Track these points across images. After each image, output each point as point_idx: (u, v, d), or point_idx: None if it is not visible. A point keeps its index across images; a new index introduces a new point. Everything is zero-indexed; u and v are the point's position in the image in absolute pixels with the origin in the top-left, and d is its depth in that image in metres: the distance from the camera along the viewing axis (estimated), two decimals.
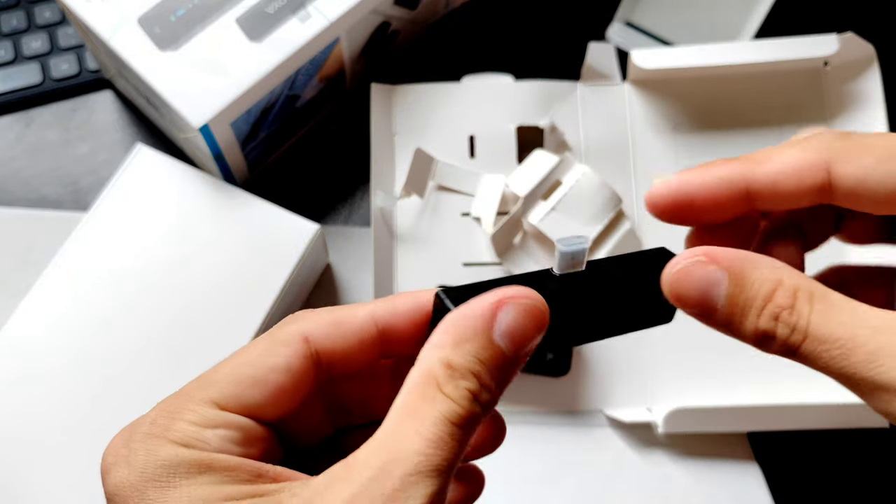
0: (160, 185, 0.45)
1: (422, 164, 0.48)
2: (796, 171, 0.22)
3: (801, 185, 0.22)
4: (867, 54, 0.48)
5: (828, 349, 0.20)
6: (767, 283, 0.21)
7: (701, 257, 0.21)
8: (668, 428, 0.45)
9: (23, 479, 0.39)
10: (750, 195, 0.22)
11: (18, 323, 0.42)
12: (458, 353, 0.20)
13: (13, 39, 0.55)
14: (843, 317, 0.20)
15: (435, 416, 0.19)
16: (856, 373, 0.19)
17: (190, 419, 0.21)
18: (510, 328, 0.20)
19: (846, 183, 0.21)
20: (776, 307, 0.20)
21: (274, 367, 0.22)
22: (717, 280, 0.21)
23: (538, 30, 0.58)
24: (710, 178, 0.23)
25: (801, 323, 0.20)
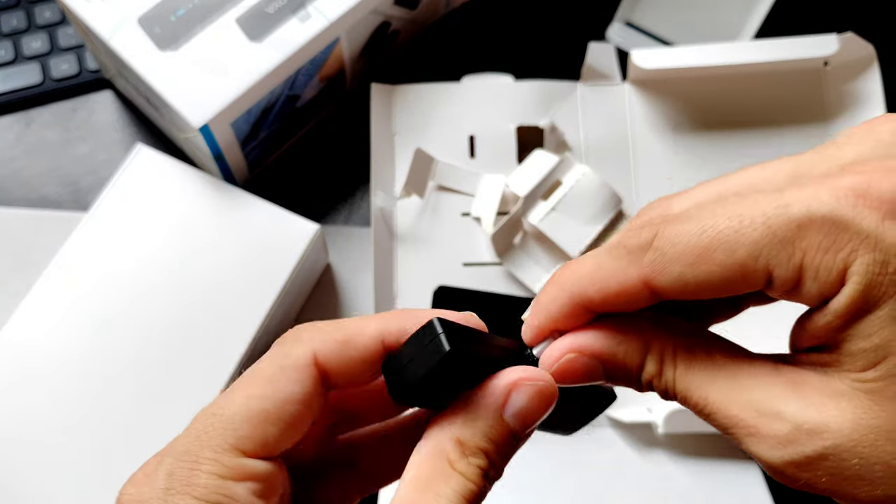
0: (160, 185, 0.45)
1: (422, 164, 0.48)
2: (621, 292, 0.21)
3: (630, 303, 0.21)
4: (867, 54, 0.48)
5: (694, 407, 0.21)
6: (636, 355, 0.22)
7: (570, 355, 0.22)
8: (668, 428, 0.45)
9: (23, 479, 0.39)
10: (589, 309, 0.22)
11: (18, 323, 0.42)
12: (469, 431, 0.21)
13: (13, 39, 0.55)
14: (700, 377, 0.21)
15: (450, 493, 0.20)
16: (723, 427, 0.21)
17: (212, 470, 0.20)
18: (521, 410, 0.21)
19: (669, 292, 0.20)
20: (648, 375, 0.21)
21: (289, 399, 0.21)
22: (595, 369, 0.22)
23: (538, 30, 0.58)
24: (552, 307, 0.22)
25: (669, 386, 0.21)
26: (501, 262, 0.48)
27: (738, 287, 0.19)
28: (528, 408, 0.21)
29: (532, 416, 0.21)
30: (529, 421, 0.21)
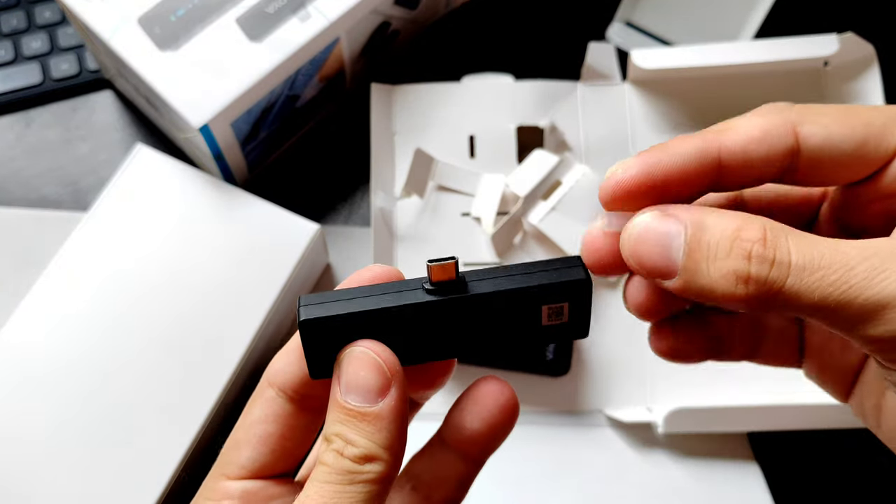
0: (160, 185, 0.45)
1: (422, 164, 0.48)
2: (765, 137, 0.21)
3: (771, 151, 0.21)
4: (867, 54, 0.48)
5: (822, 277, 0.18)
6: (731, 223, 0.19)
7: (654, 212, 0.20)
8: (668, 428, 0.45)
9: (23, 479, 0.39)
10: (721, 167, 0.21)
11: (18, 323, 0.42)
12: (327, 425, 0.22)
13: (13, 39, 0.55)
14: (828, 244, 0.18)
15: (311, 486, 0.21)
16: (858, 295, 0.17)
17: (204, 495, 0.24)
18: (347, 383, 0.21)
19: (812, 142, 0.20)
20: (746, 242, 0.18)
21: (253, 423, 0.24)
22: (676, 231, 0.19)
23: (538, 30, 0.58)
24: (680, 154, 0.21)
25: (780, 255, 0.18)
26: (501, 262, 0.48)
27: (872, 152, 0.20)
28: (350, 378, 0.21)
29: (361, 383, 0.21)
30: (362, 389, 0.21)
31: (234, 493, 0.23)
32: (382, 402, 0.21)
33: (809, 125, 0.21)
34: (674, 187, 0.21)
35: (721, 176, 0.21)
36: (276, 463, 0.24)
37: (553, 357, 0.47)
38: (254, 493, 0.23)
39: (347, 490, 0.21)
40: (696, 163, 0.21)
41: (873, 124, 0.20)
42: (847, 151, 0.20)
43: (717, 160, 0.21)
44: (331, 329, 0.22)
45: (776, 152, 0.21)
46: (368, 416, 0.21)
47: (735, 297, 0.18)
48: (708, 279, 0.19)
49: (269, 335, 0.45)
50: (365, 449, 0.21)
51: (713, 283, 0.19)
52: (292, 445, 0.24)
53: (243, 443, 0.24)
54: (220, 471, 0.24)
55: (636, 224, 0.20)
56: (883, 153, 0.21)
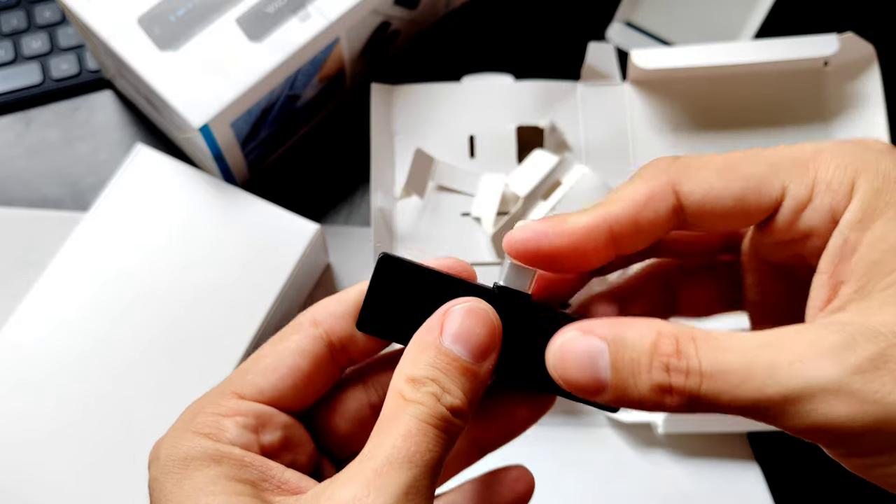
0: (160, 185, 0.45)
1: (422, 164, 0.48)
2: (649, 202, 0.22)
3: (658, 214, 0.22)
4: (867, 54, 0.48)
5: (726, 380, 0.19)
6: (646, 337, 0.20)
7: (575, 332, 0.21)
8: (668, 428, 0.45)
9: (23, 479, 0.39)
10: (613, 237, 0.22)
11: (18, 323, 0.42)
12: (416, 366, 0.21)
13: (13, 39, 0.55)
14: (730, 346, 0.19)
15: (404, 419, 0.20)
16: (762, 394, 0.18)
17: (212, 410, 0.22)
18: (457, 333, 0.21)
19: (693, 199, 0.21)
20: (663, 356, 0.20)
21: (285, 352, 0.23)
22: (599, 350, 0.20)
23: (538, 30, 0.58)
24: (565, 230, 0.22)
25: (692, 364, 0.19)
26: (501, 262, 0.48)
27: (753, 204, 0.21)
28: (462, 331, 0.21)
29: (470, 338, 0.21)
30: (472, 343, 0.21)
31: (250, 411, 0.23)
32: (485, 362, 0.21)
33: (688, 183, 0.22)
34: (569, 259, 0.22)
35: (615, 244, 0.22)
36: (292, 399, 0.23)
37: None
38: (267, 417, 0.23)
39: (441, 437, 0.20)
40: (587, 237, 0.22)
41: (751, 178, 0.21)
42: (727, 206, 0.21)
43: (608, 232, 0.22)
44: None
45: (661, 215, 0.22)
46: (469, 372, 0.21)
47: (664, 406, 0.20)
48: (637, 393, 0.20)
49: (269, 335, 0.45)
50: (460, 402, 0.21)
51: (642, 395, 0.20)
52: (312, 389, 0.24)
53: (271, 368, 0.23)
54: (233, 388, 0.23)
55: (559, 344, 0.21)
56: (765, 204, 0.21)
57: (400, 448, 0.20)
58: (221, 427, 0.22)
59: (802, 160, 0.21)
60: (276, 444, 0.23)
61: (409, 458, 0.20)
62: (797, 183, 0.21)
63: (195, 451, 0.21)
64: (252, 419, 0.22)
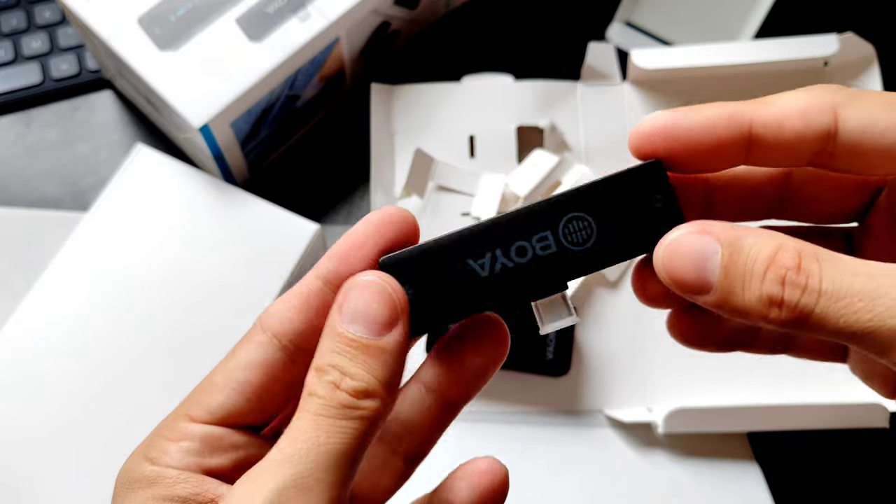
0: (160, 185, 0.45)
1: (422, 164, 0.48)
2: (803, 112, 0.20)
3: (807, 128, 0.20)
4: (867, 54, 0.48)
5: (847, 304, 0.18)
6: (767, 247, 0.19)
7: (693, 227, 0.20)
8: (668, 428, 0.45)
9: (23, 478, 0.39)
10: (752, 138, 0.21)
11: (18, 323, 0.42)
12: (320, 354, 0.21)
13: (13, 39, 0.55)
14: (857, 270, 0.18)
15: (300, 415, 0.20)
16: (883, 324, 0.17)
17: (164, 435, 0.22)
18: (352, 313, 0.20)
19: (852, 126, 0.20)
20: (781, 268, 0.19)
21: (233, 367, 0.22)
22: (712, 250, 0.19)
23: (538, 30, 0.58)
24: (709, 113, 0.21)
25: (812, 282, 0.18)
26: None
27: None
28: (355, 307, 0.20)
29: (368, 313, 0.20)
30: (369, 319, 0.20)
31: (196, 435, 0.22)
32: (388, 335, 0.21)
33: (852, 109, 0.20)
34: (698, 150, 0.21)
35: (751, 150, 0.21)
36: (248, 414, 0.22)
37: (553, 357, 0.47)
38: (216, 438, 0.22)
39: (341, 425, 0.20)
40: (724, 127, 0.21)
41: None
42: (887, 143, 0.20)
43: (748, 129, 0.21)
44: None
45: (812, 131, 0.20)
46: (371, 349, 0.20)
47: (767, 319, 0.19)
48: (742, 301, 0.19)
49: None
50: (364, 383, 0.20)
51: (747, 305, 0.19)
52: (269, 399, 0.22)
53: (219, 386, 0.22)
54: (185, 411, 0.22)
55: (672, 237, 0.20)
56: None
57: (283, 447, 0.19)
58: (165, 451, 0.22)
59: None
60: (227, 465, 0.22)
61: (293, 456, 0.19)
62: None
63: (136, 474, 0.22)
64: (197, 443, 0.22)
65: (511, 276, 0.22)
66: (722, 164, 0.22)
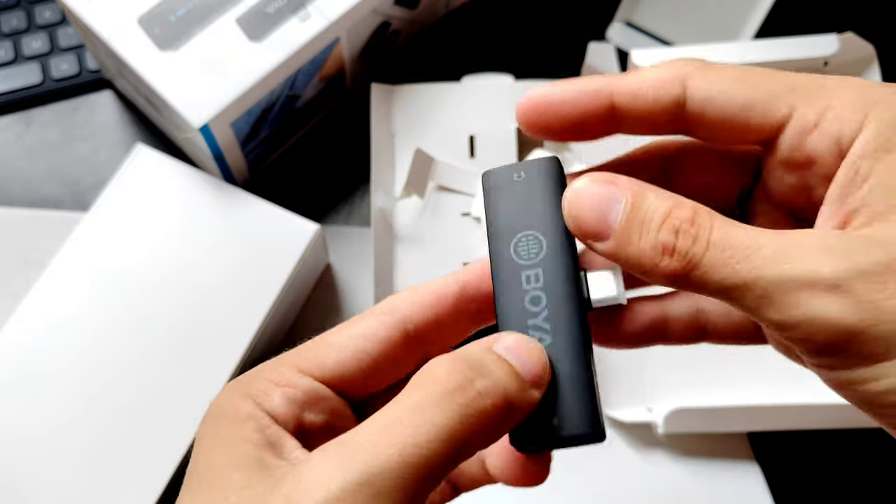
0: (160, 185, 0.45)
1: (422, 164, 0.48)
2: (654, 83, 0.22)
3: (657, 100, 0.22)
4: (867, 54, 0.48)
5: (731, 255, 0.19)
6: (666, 202, 0.20)
7: (599, 177, 0.21)
8: (668, 428, 0.45)
9: (23, 478, 0.39)
10: (614, 108, 0.22)
11: (18, 323, 0.42)
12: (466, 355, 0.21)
13: (13, 39, 0.55)
14: (743, 229, 0.19)
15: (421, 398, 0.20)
16: (760, 276, 0.18)
17: (269, 377, 0.22)
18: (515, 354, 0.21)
19: (699, 97, 0.21)
20: (676, 220, 0.20)
21: (354, 333, 0.23)
22: (616, 199, 0.21)
23: (538, 30, 0.58)
24: (573, 87, 0.23)
25: (702, 233, 0.19)
26: None
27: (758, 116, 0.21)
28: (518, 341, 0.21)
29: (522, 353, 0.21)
30: (516, 354, 0.21)
31: (301, 385, 0.22)
32: (534, 391, 0.21)
33: (701, 80, 0.22)
34: (570, 121, 0.23)
35: (617, 118, 0.23)
36: (353, 382, 0.22)
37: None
38: (319, 395, 0.22)
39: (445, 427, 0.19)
40: (590, 98, 0.22)
41: (761, 89, 0.21)
42: (730, 112, 0.21)
43: (610, 97, 0.22)
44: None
45: (661, 103, 0.22)
46: (517, 377, 0.20)
47: (658, 268, 0.20)
48: (637, 248, 0.20)
49: (270, 335, 0.45)
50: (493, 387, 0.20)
51: (641, 252, 0.20)
52: (375, 375, 0.23)
53: (336, 347, 0.22)
54: (294, 361, 0.22)
55: (580, 183, 0.21)
56: (770, 120, 0.21)
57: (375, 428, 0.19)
58: (269, 393, 0.21)
59: (818, 86, 0.21)
60: (318, 424, 0.22)
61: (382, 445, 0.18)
62: (807, 106, 0.21)
63: (233, 407, 0.21)
64: (301, 393, 0.22)
65: None
66: (595, 134, 0.23)
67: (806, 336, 0.18)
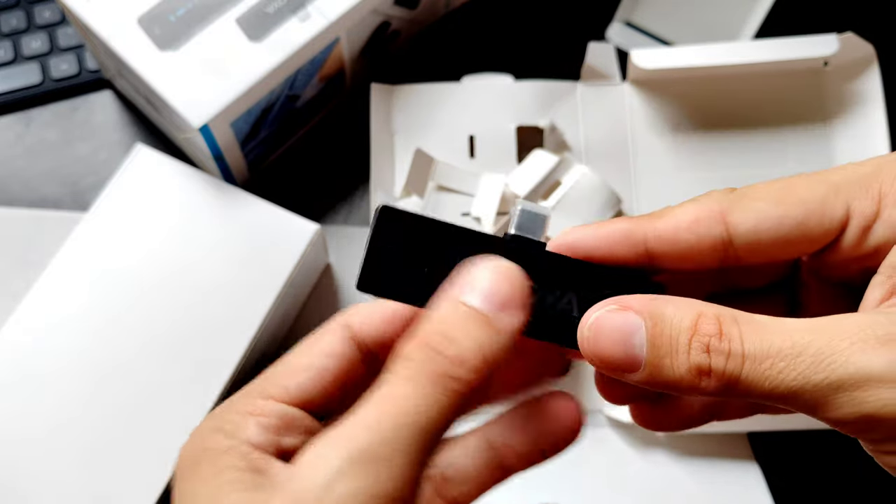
0: (160, 185, 0.45)
1: (422, 164, 0.48)
2: (693, 224, 0.21)
3: (700, 241, 0.21)
4: (867, 54, 0.48)
5: (771, 365, 0.18)
6: (687, 315, 0.19)
7: (612, 306, 0.20)
8: None
9: (23, 478, 0.39)
10: (649, 252, 0.21)
11: (18, 323, 0.42)
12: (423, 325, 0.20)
13: (13, 39, 0.55)
14: (775, 329, 0.18)
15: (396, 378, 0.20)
16: (807, 381, 0.18)
17: (238, 410, 0.22)
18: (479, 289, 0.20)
19: (744, 230, 0.21)
20: (704, 337, 0.19)
21: (314, 353, 0.23)
22: (636, 325, 0.19)
23: (538, 30, 0.58)
24: (605, 233, 0.22)
25: (734, 346, 0.18)
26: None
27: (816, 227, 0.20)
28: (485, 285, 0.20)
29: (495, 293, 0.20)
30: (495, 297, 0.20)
31: (273, 412, 0.22)
32: (506, 315, 0.20)
33: (740, 212, 0.21)
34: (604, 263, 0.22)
35: (653, 260, 0.21)
36: (319, 400, 0.22)
37: None
38: (292, 418, 0.22)
39: (434, 394, 0.19)
40: (622, 245, 0.21)
41: (811, 201, 0.20)
42: (784, 233, 0.20)
43: (644, 244, 0.21)
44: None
45: (705, 241, 0.21)
46: (486, 324, 0.20)
47: (699, 389, 0.19)
48: (672, 373, 0.19)
49: (270, 335, 0.45)
50: (468, 350, 0.19)
51: (678, 377, 0.19)
52: (336, 392, 0.23)
53: (301, 368, 0.22)
54: (262, 388, 0.22)
55: (593, 318, 0.20)
56: (830, 225, 0.20)
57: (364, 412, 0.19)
58: (241, 425, 0.21)
59: (864, 175, 0.20)
60: (298, 446, 0.22)
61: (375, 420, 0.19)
62: (862, 199, 0.20)
63: (208, 445, 0.21)
64: (274, 420, 0.22)
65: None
66: None
67: (867, 429, 0.18)
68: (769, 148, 0.50)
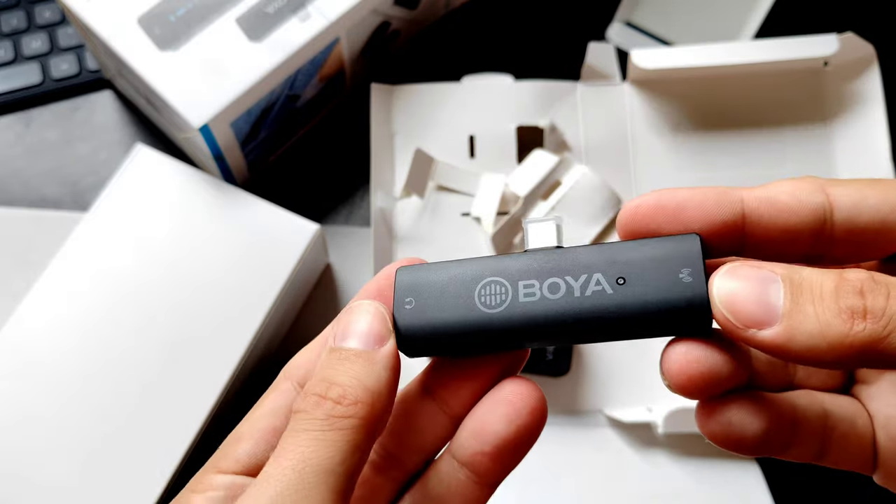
0: (160, 185, 0.45)
1: (422, 164, 0.48)
2: (795, 188, 0.19)
3: (801, 203, 0.19)
4: (867, 54, 0.48)
5: None
6: (826, 272, 0.17)
7: (744, 261, 0.18)
8: (668, 428, 0.45)
9: (23, 478, 0.39)
10: (745, 216, 0.20)
11: (18, 323, 0.42)
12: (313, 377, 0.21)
13: (13, 39, 0.55)
14: None
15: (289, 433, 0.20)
16: None
17: (191, 489, 0.22)
18: (341, 331, 0.21)
19: (845, 202, 0.19)
20: (855, 281, 0.17)
21: (259, 416, 0.23)
22: (772, 278, 0.18)
23: (538, 30, 0.58)
24: (700, 190, 0.20)
25: (893, 290, 0.16)
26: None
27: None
28: (345, 325, 0.21)
29: (356, 328, 0.21)
30: (357, 333, 0.21)
31: (221, 485, 0.22)
32: (379, 347, 0.21)
33: (840, 187, 0.19)
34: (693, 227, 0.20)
35: (746, 231, 0.20)
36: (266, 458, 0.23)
37: (553, 357, 0.47)
38: (240, 487, 0.22)
39: (327, 437, 0.19)
40: (716, 202, 0.19)
41: None
42: (883, 216, 0.19)
43: (740, 202, 0.20)
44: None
45: (805, 209, 0.19)
46: (362, 357, 0.20)
47: (848, 338, 0.16)
48: (816, 322, 0.17)
49: (270, 335, 0.45)
50: (350, 387, 0.20)
51: (823, 326, 0.17)
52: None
53: (245, 435, 0.22)
54: (214, 463, 0.23)
55: (725, 271, 0.18)
56: None
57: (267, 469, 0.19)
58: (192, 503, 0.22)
59: None
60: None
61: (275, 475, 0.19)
62: None
63: None
64: (222, 492, 0.22)
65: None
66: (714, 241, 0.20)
67: None
68: (769, 148, 0.50)
